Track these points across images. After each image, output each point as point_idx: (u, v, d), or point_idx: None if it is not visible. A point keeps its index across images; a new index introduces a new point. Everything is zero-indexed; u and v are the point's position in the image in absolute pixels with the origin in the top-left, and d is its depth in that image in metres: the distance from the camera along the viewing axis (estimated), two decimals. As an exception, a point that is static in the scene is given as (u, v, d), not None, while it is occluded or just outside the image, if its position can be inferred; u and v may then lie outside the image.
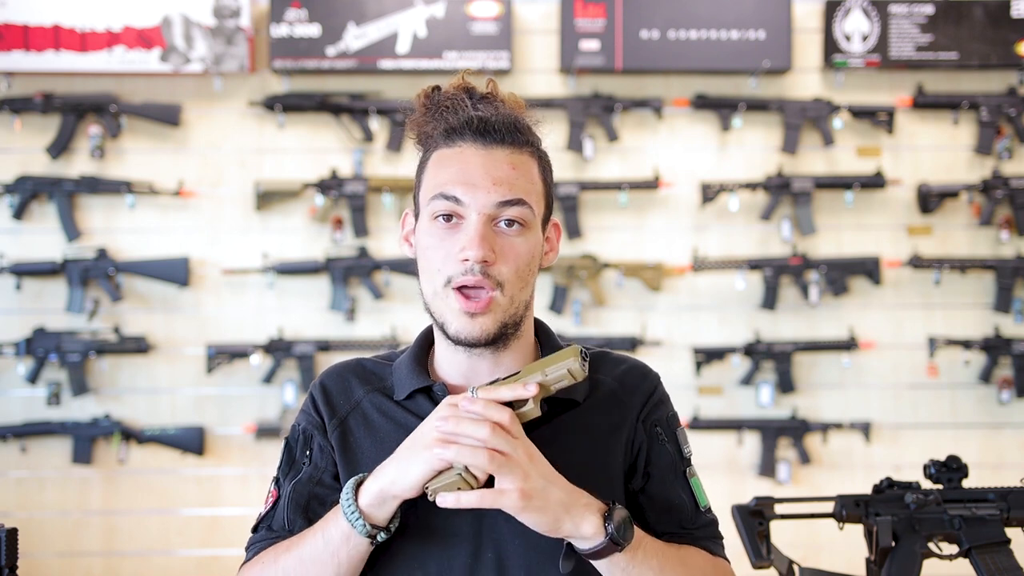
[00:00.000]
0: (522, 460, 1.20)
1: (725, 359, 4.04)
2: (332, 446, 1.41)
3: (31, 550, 3.93)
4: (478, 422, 1.20)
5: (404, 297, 3.98)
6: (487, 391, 1.23)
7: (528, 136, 1.38)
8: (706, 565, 1.38)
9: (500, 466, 1.19)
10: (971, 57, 4.06)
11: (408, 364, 1.43)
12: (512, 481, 1.20)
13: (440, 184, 1.34)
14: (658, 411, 1.44)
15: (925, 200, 4.06)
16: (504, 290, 1.33)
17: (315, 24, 3.99)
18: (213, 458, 4.02)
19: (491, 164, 1.34)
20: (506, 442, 1.20)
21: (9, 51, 3.94)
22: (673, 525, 1.40)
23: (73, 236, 3.99)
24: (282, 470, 1.44)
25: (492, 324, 1.33)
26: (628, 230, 4.10)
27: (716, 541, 1.44)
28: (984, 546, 1.88)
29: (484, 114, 1.35)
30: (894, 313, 4.12)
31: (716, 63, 4.04)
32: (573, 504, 1.23)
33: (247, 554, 1.41)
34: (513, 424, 1.21)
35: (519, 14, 4.11)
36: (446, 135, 1.37)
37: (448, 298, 1.33)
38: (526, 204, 1.34)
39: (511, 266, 1.33)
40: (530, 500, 1.20)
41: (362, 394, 1.43)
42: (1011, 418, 4.10)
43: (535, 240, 1.37)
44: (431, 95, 1.39)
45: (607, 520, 1.24)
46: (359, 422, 1.41)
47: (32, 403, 4.02)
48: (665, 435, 1.43)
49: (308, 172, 4.05)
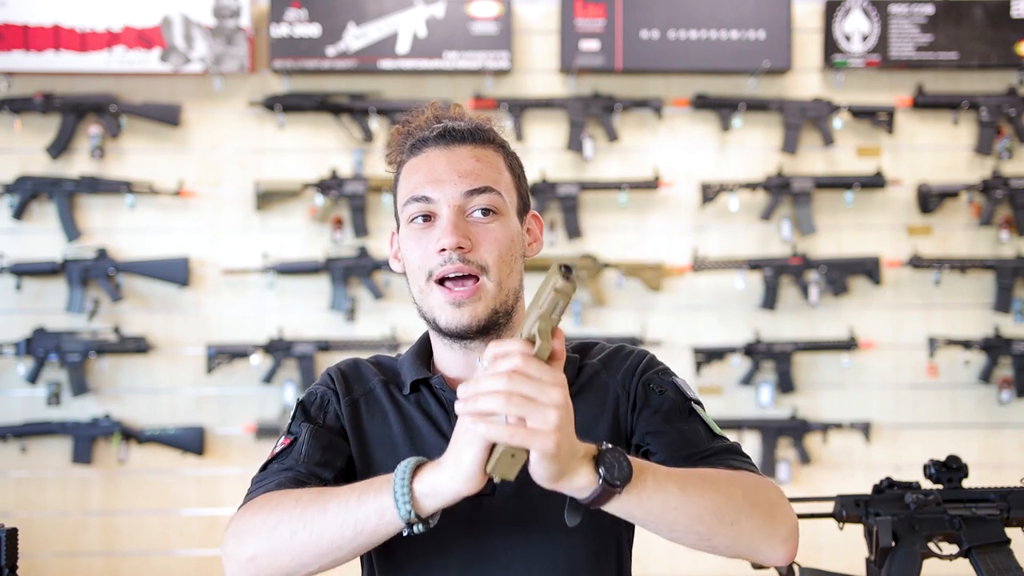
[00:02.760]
0: (549, 399, 1.08)
1: (725, 359, 4.04)
2: (344, 417, 1.43)
3: (31, 550, 3.93)
4: (492, 376, 1.09)
5: (404, 297, 3.98)
6: (496, 344, 1.12)
7: (491, 136, 1.44)
8: (732, 475, 1.29)
9: (521, 407, 1.07)
10: (971, 57, 4.06)
11: (410, 359, 1.47)
12: (542, 422, 1.08)
13: (410, 189, 1.40)
14: (646, 373, 1.43)
15: (925, 200, 4.06)
16: (490, 274, 1.35)
17: (315, 24, 3.99)
18: (213, 458, 4.02)
19: (455, 160, 1.39)
20: (527, 384, 1.08)
21: (9, 51, 3.94)
22: (688, 449, 1.35)
23: (73, 236, 3.99)
24: (296, 421, 1.42)
25: (482, 310, 1.35)
26: (628, 230, 4.10)
27: (739, 458, 1.36)
28: (984, 546, 1.88)
29: (446, 122, 1.42)
30: (894, 313, 4.12)
31: (716, 63, 4.04)
32: (574, 455, 1.13)
33: (252, 491, 1.36)
34: (530, 365, 1.08)
35: (519, 14, 4.11)
36: (412, 149, 1.43)
37: (432, 292, 1.37)
38: (494, 191, 1.38)
39: (493, 251, 1.36)
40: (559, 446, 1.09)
41: (376, 383, 1.46)
42: (1011, 418, 4.10)
43: (512, 227, 1.40)
44: (404, 127, 1.46)
45: (598, 465, 1.14)
46: (370, 406, 1.44)
47: (32, 403, 4.02)
48: (659, 387, 1.41)
49: (308, 172, 4.05)
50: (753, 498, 1.26)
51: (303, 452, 1.37)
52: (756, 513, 1.25)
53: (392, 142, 1.48)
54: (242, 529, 1.28)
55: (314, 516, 1.22)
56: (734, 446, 1.38)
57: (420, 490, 1.17)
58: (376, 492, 1.20)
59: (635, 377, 1.43)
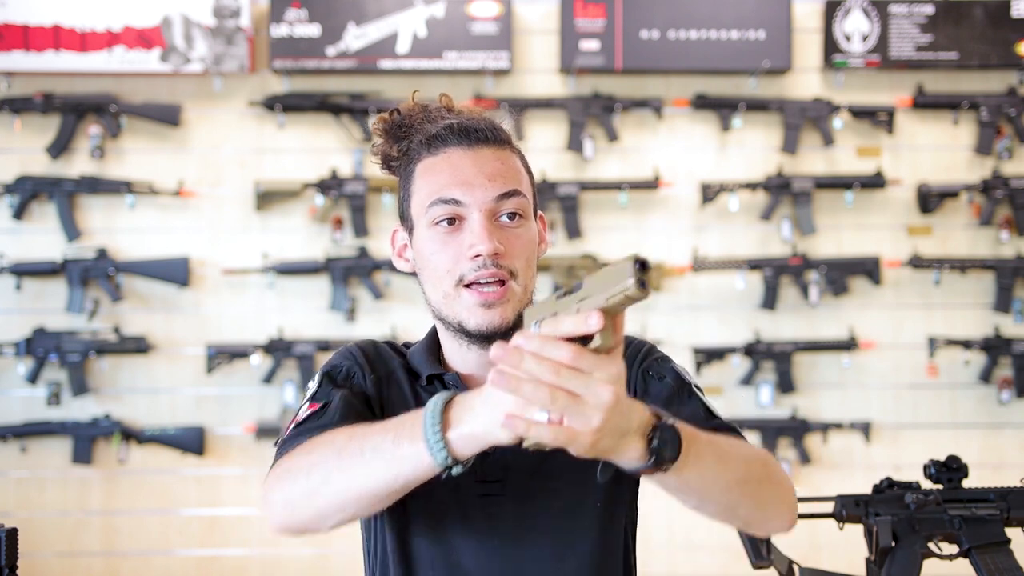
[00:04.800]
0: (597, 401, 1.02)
1: (725, 359, 4.04)
2: (370, 394, 1.39)
3: (31, 550, 3.93)
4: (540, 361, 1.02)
5: (404, 297, 3.99)
6: (551, 323, 1.05)
7: (507, 136, 1.44)
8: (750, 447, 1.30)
9: (565, 407, 1.02)
10: (971, 57, 4.06)
11: (421, 353, 1.45)
12: (583, 423, 1.03)
13: (435, 190, 1.36)
14: (645, 361, 1.43)
15: (925, 200, 4.06)
16: (518, 279, 1.36)
17: (315, 24, 3.99)
18: (213, 458, 4.02)
19: (481, 162, 1.37)
20: (573, 381, 1.02)
21: (9, 51, 3.94)
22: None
23: (73, 236, 3.99)
24: (323, 389, 1.37)
25: (511, 312, 1.35)
26: (628, 230, 4.10)
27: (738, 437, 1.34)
28: (984, 546, 1.88)
29: (462, 119, 1.40)
30: (894, 313, 4.12)
31: (716, 63, 4.04)
32: (628, 430, 1.07)
33: (281, 450, 1.29)
34: (580, 359, 1.01)
35: (519, 14, 4.11)
36: (427, 145, 1.39)
37: (461, 297, 1.35)
38: (521, 194, 1.38)
39: (520, 257, 1.36)
40: (596, 444, 1.04)
41: (397, 365, 1.44)
42: (1011, 418, 4.10)
43: (534, 229, 1.41)
44: (391, 119, 1.43)
45: (652, 438, 1.09)
46: (391, 388, 1.42)
47: (32, 403, 4.02)
48: (658, 373, 1.41)
49: (308, 172, 4.05)
50: (768, 469, 1.29)
51: (338, 414, 1.30)
52: (772, 483, 1.28)
53: (381, 136, 1.43)
54: (278, 478, 1.23)
55: (351, 458, 1.16)
56: (732, 426, 1.37)
57: (455, 439, 1.10)
58: (410, 438, 1.12)
59: (634, 367, 1.42)
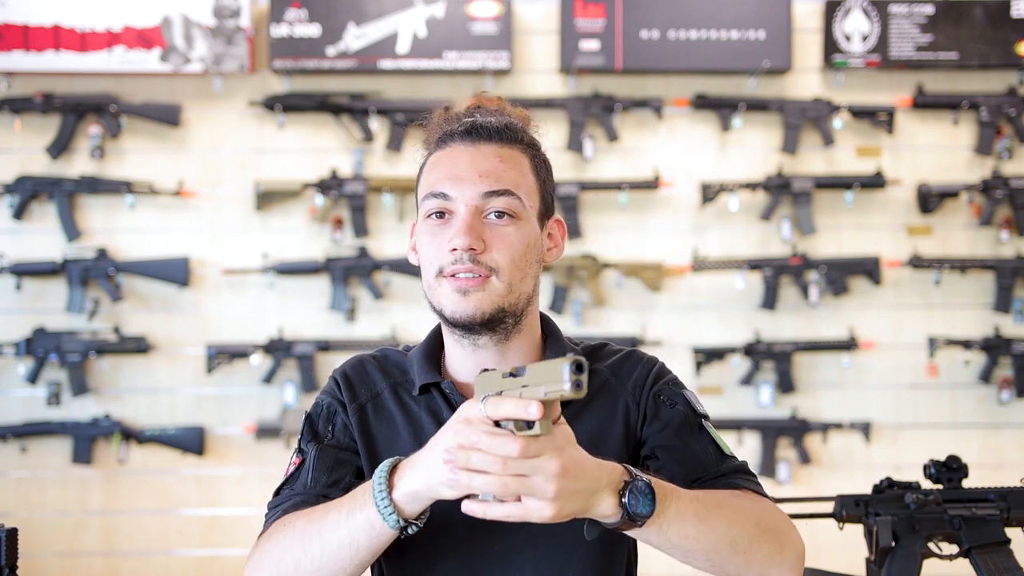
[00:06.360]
0: (546, 474, 1.08)
1: (725, 359, 4.04)
2: (353, 427, 1.42)
3: (31, 550, 3.93)
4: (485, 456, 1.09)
5: (404, 297, 3.99)
6: (494, 404, 1.11)
7: (520, 135, 1.42)
8: (745, 501, 1.31)
9: (520, 488, 1.09)
10: (971, 57, 4.06)
11: (419, 359, 1.45)
12: (539, 499, 1.10)
13: (431, 184, 1.39)
14: (657, 383, 1.43)
15: (925, 200, 4.06)
16: (499, 276, 1.34)
17: (315, 24, 3.99)
18: (213, 458, 4.02)
19: (479, 158, 1.38)
20: (522, 465, 1.08)
21: (9, 51, 3.94)
22: (699, 472, 1.36)
23: (73, 236, 3.99)
24: (304, 439, 1.42)
25: (487, 302, 1.34)
26: (628, 230, 4.10)
27: (749, 479, 1.38)
28: (984, 546, 1.88)
29: (476, 118, 1.40)
30: (894, 313, 4.12)
31: (716, 63, 4.04)
32: (597, 488, 1.13)
33: (268, 517, 1.37)
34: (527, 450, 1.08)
35: (519, 14, 4.11)
36: (440, 141, 1.42)
37: (441, 286, 1.36)
38: (513, 195, 1.37)
39: (505, 254, 1.35)
40: (560, 510, 1.10)
41: (384, 386, 1.45)
42: (1011, 418, 4.10)
43: (530, 231, 1.39)
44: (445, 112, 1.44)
45: (623, 493, 1.15)
46: (377, 411, 1.43)
47: (32, 403, 4.02)
48: (670, 399, 1.42)
49: (308, 172, 4.05)
50: (765, 525, 1.29)
51: (310, 475, 1.37)
52: (768, 540, 1.28)
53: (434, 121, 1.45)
54: (255, 564, 1.30)
55: (312, 542, 1.24)
56: (742, 466, 1.40)
57: (402, 497, 1.18)
58: (361, 507, 1.20)
59: (645, 388, 1.42)
